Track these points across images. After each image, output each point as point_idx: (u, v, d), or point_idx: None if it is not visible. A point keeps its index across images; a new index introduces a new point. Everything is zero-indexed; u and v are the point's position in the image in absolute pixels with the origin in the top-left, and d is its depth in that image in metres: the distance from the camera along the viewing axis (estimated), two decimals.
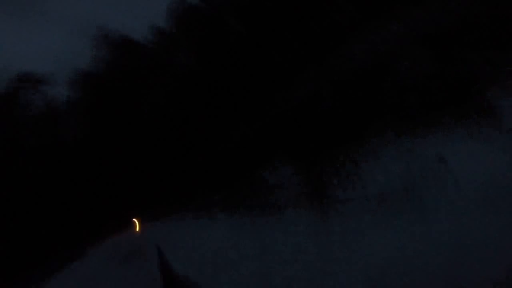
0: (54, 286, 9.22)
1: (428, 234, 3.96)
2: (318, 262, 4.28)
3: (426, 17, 11.81)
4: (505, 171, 4.69)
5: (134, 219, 20.29)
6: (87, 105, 31.58)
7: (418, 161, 6.52)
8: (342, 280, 3.82)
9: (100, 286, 7.91)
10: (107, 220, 20.86)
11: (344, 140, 10.04)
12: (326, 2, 17.74)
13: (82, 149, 28.46)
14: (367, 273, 3.57)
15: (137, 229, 18.83)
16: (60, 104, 34.47)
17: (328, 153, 9.78)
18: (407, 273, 3.22)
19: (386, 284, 3.30)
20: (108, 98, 31.02)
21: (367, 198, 6.37)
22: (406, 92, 9.60)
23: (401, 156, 7.01)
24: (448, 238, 3.69)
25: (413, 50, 10.41)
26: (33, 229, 20.03)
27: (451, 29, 10.00)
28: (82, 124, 31.08)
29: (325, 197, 7.85)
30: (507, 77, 7.11)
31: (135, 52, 34.91)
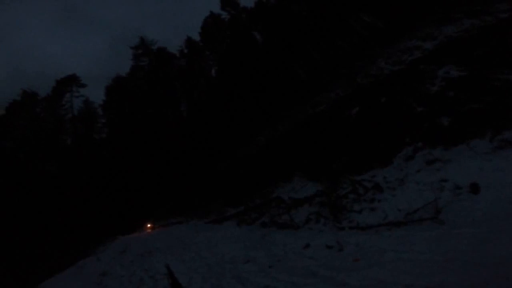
0: (67, 280, 9.51)
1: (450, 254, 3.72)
2: (328, 286, 4.05)
3: (462, 36, 11.23)
4: None
5: (148, 224, 20.79)
6: (120, 109, 33.57)
7: (449, 192, 5.98)
8: None
9: (108, 282, 8.04)
10: (124, 220, 21.56)
11: (371, 164, 9.58)
12: (354, 19, 17.62)
13: (110, 152, 29.99)
14: None
15: (148, 232, 19.26)
16: (97, 107, 36.93)
17: (351, 176, 9.36)
18: None
19: None
20: (140, 104, 32.72)
21: (387, 227, 5.95)
22: (439, 115, 8.99)
23: (431, 185, 6.47)
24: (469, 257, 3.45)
25: (447, 70, 9.85)
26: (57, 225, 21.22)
27: (486, 49, 9.37)
28: (113, 127, 32.91)
29: (342, 221, 7.46)
30: None
31: (170, 62, 36.86)
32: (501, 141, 6.52)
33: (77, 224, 21.28)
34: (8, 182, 25.00)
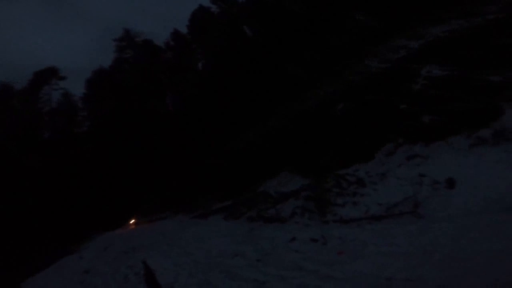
0: (49, 278, 9.28)
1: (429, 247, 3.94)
2: (314, 280, 4.16)
3: (448, 36, 11.60)
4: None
5: (132, 220, 20.48)
6: (101, 102, 32.58)
7: (427, 186, 6.26)
8: None
9: (91, 280, 7.90)
10: (107, 216, 21.14)
11: (354, 159, 9.82)
12: (347, 18, 17.78)
13: (92, 147, 29.13)
14: None
15: (132, 228, 18.98)
16: (78, 100, 35.71)
17: (335, 171, 9.58)
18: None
19: None
20: (124, 97, 31.85)
21: (369, 221, 6.17)
22: (421, 113, 9.31)
23: (411, 180, 6.74)
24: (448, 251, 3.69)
25: (430, 70, 10.18)
26: (34, 222, 20.53)
27: (470, 50, 9.75)
28: (95, 121, 31.93)
29: (326, 214, 7.65)
30: None
31: (156, 54, 35.97)
32: (477, 138, 6.87)
33: (57, 221, 20.63)
34: None
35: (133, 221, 20.32)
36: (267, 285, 4.46)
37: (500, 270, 2.73)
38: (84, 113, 34.12)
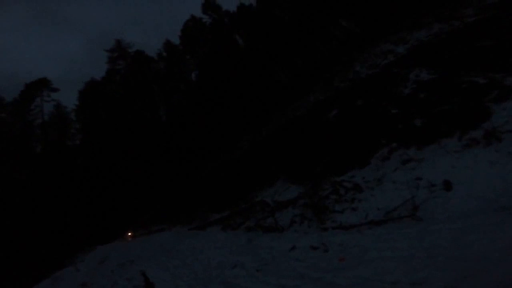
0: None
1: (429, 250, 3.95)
2: (316, 287, 4.12)
3: (432, 40, 11.94)
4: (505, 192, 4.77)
5: (128, 232, 20.10)
6: (95, 114, 32.28)
7: (424, 189, 6.31)
8: None
9: None
10: (103, 229, 20.67)
11: (350, 165, 9.87)
12: (333, 25, 18.19)
13: (86, 159, 28.69)
14: None
15: (129, 240, 18.61)
16: (70, 112, 35.25)
17: (332, 178, 9.61)
18: None
19: None
20: (117, 109, 31.62)
21: (369, 226, 6.18)
22: (412, 117, 9.46)
23: (407, 183, 6.79)
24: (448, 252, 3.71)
25: (418, 74, 10.41)
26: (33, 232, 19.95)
27: (454, 52, 10.04)
28: (88, 133, 31.57)
29: (325, 221, 7.64)
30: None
31: (148, 65, 36.01)
32: (469, 139, 6.99)
33: (52, 235, 20.12)
34: None
35: (129, 233, 19.97)
36: None
37: (504, 269, 2.75)
38: (77, 125, 33.78)
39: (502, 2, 11.26)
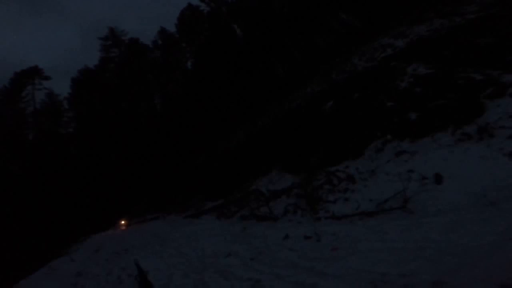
0: (42, 281, 9.04)
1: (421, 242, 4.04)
2: (309, 277, 4.21)
3: (432, 35, 11.90)
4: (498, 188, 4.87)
5: (122, 221, 20.15)
6: (89, 102, 31.79)
7: (416, 182, 6.42)
8: None
9: (85, 282, 7.78)
10: (97, 218, 20.69)
11: (344, 156, 9.97)
12: (333, 18, 17.99)
13: (79, 147, 28.43)
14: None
15: (123, 229, 18.68)
16: (62, 100, 34.75)
17: (326, 168, 9.71)
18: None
19: None
20: (111, 97, 31.16)
21: (360, 217, 6.29)
22: (408, 110, 9.52)
23: (399, 176, 6.89)
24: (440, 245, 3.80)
25: (415, 68, 10.43)
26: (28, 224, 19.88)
27: (453, 48, 10.05)
28: (81, 121, 31.18)
29: (319, 211, 7.75)
30: (506, 95, 7.09)
31: (143, 53, 35.35)
32: (462, 134, 7.08)
33: (46, 225, 20.08)
34: None
35: (123, 222, 20.02)
36: (261, 283, 4.46)
37: (492, 264, 2.84)
38: (69, 113, 33.23)
39: None
